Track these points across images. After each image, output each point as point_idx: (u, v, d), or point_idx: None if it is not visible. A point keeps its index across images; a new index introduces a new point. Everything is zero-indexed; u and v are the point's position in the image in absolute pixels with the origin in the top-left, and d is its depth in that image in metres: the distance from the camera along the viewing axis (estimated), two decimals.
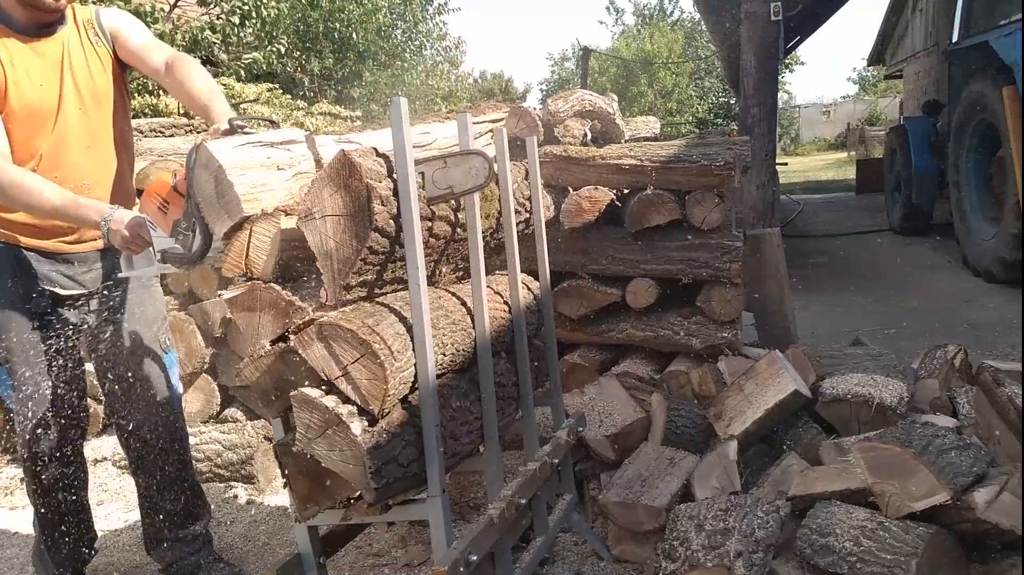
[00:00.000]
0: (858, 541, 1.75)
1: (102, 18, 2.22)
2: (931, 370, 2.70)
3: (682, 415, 2.57)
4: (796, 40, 11.38)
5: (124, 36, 2.22)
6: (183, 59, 2.18)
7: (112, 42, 2.21)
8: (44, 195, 1.95)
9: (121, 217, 1.91)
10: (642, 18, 30.08)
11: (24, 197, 1.96)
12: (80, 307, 2.25)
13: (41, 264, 2.18)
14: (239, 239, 1.61)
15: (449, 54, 17.94)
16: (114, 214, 1.92)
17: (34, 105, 2.06)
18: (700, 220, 3.04)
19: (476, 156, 1.70)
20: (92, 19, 2.20)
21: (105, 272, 2.27)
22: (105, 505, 3.22)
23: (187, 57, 2.20)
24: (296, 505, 1.67)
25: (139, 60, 2.21)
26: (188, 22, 8.13)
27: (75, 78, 2.14)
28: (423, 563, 2.43)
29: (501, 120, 3.13)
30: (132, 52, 2.21)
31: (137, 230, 1.88)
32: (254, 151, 1.68)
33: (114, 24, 2.23)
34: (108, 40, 2.21)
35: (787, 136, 29.77)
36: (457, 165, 1.68)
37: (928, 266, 6.30)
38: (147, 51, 2.21)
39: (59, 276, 2.20)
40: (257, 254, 1.61)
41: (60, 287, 2.20)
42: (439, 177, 1.65)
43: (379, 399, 1.49)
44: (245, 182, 1.60)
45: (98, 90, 2.18)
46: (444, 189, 1.67)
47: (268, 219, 1.61)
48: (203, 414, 3.64)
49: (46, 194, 1.95)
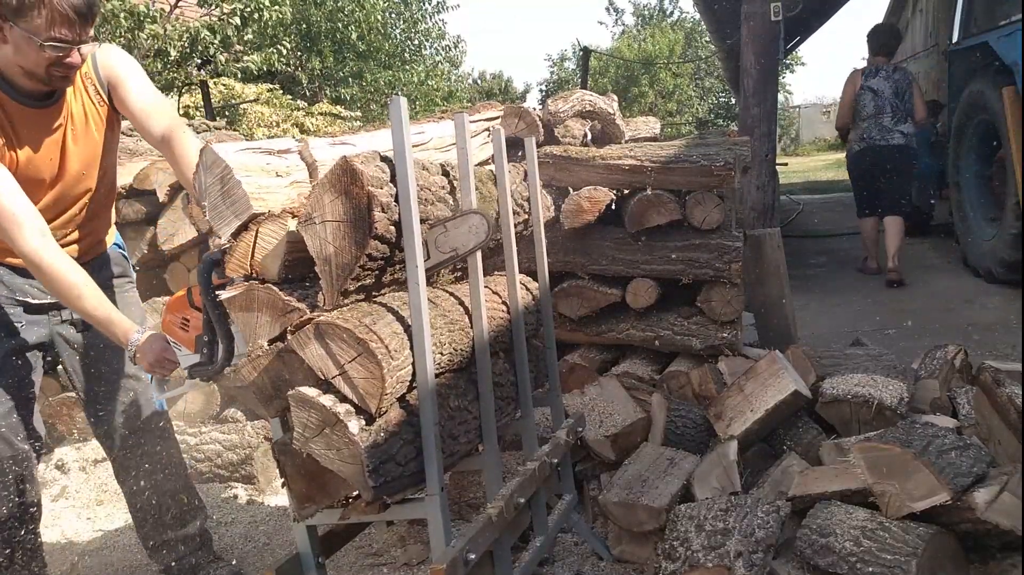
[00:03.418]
0: (858, 541, 1.75)
1: (100, 69, 2.11)
2: (931, 370, 2.70)
3: (682, 415, 2.57)
4: (796, 40, 11.39)
5: (124, 91, 2.12)
6: (180, 136, 2.07)
7: (109, 91, 2.13)
8: (83, 299, 1.94)
9: (148, 346, 1.92)
10: (642, 18, 30.10)
11: (64, 292, 1.94)
12: (52, 318, 2.23)
13: (14, 278, 2.15)
14: (244, 239, 1.60)
15: (449, 53, 17.94)
16: (140, 341, 1.93)
17: (37, 174, 2.03)
18: (700, 220, 3.04)
19: (473, 215, 1.74)
20: (90, 71, 2.10)
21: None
22: (105, 505, 3.22)
23: (186, 132, 2.10)
24: (294, 504, 1.67)
25: (136, 122, 2.14)
26: (186, 22, 8.13)
27: (76, 142, 2.10)
28: (422, 562, 2.43)
29: (497, 118, 3.13)
30: (130, 112, 2.13)
31: (162, 354, 1.90)
32: (254, 156, 1.68)
33: (113, 74, 2.12)
34: (105, 90, 2.13)
35: (787, 136, 29.75)
36: (457, 227, 1.73)
37: (928, 266, 6.29)
38: (146, 117, 2.11)
39: (31, 288, 2.17)
40: (264, 255, 1.60)
41: (31, 297, 2.17)
42: (442, 242, 1.70)
43: (376, 398, 1.49)
44: (250, 183, 1.60)
45: (96, 149, 2.15)
46: (448, 253, 1.71)
47: (276, 220, 1.60)
48: (203, 414, 3.64)
49: (85, 298, 1.94)
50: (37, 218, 1.94)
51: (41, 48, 1.86)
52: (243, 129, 8.99)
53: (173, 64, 8.01)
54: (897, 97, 5.74)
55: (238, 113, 9.88)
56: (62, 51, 1.89)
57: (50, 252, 1.92)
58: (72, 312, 2.22)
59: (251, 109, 9.93)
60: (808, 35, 11.38)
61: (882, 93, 5.75)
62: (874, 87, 5.77)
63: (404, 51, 14.60)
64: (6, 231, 1.90)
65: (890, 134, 5.74)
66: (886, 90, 5.75)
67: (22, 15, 1.82)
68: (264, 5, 8.10)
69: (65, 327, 2.25)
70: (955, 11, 6.27)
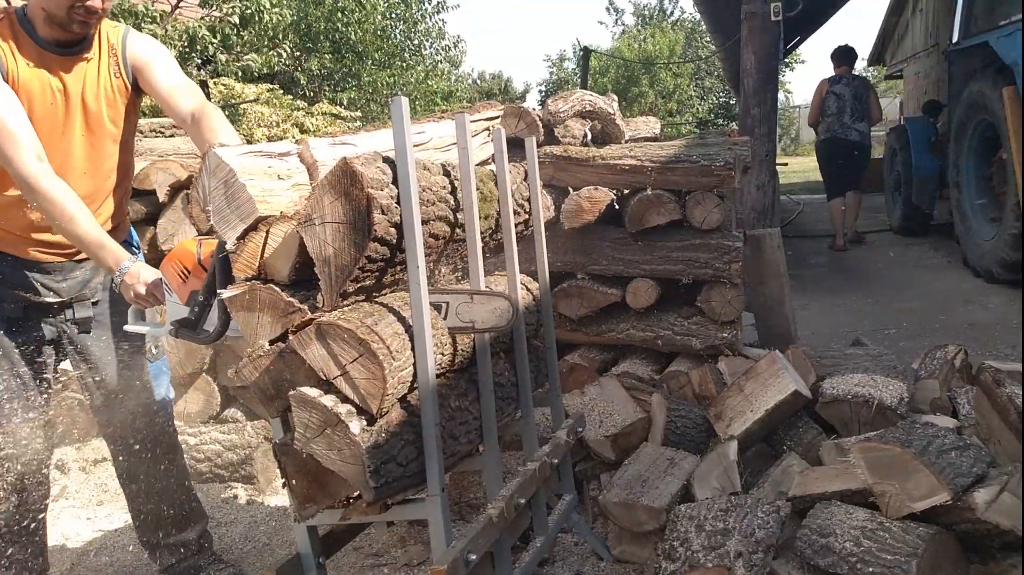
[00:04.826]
0: (858, 541, 1.75)
1: (128, 49, 2.14)
2: (931, 370, 2.70)
3: (682, 415, 2.57)
4: (796, 40, 11.38)
5: (150, 72, 2.14)
6: (211, 113, 2.09)
7: (134, 74, 2.15)
8: (75, 222, 1.93)
9: (137, 272, 1.91)
10: (642, 18, 30.08)
11: (57, 215, 1.93)
12: (56, 316, 2.22)
13: (16, 271, 2.14)
14: (253, 240, 1.60)
15: (449, 53, 17.93)
16: (131, 267, 1.92)
17: (41, 121, 2.03)
18: (700, 220, 3.04)
19: (502, 299, 1.76)
20: (118, 47, 2.12)
21: (81, 282, 2.22)
22: (105, 505, 3.22)
23: (215, 110, 2.11)
24: (295, 505, 1.67)
25: (163, 101, 2.15)
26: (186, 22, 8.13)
27: (85, 105, 2.10)
28: (422, 563, 2.43)
29: (496, 118, 3.12)
30: (157, 92, 2.14)
31: (152, 288, 1.89)
32: (256, 160, 1.68)
33: (141, 57, 2.15)
34: (129, 73, 2.14)
35: (787, 136, 29.75)
36: (483, 303, 1.74)
37: (928, 266, 6.30)
38: (174, 95, 2.13)
39: (33, 283, 2.16)
40: (274, 256, 1.60)
41: (33, 294, 2.16)
42: (463, 311, 1.72)
43: (377, 398, 1.49)
44: (255, 186, 1.60)
45: (105, 121, 2.14)
46: (466, 323, 1.73)
47: (287, 221, 1.60)
48: (203, 414, 3.63)
49: (78, 221, 1.93)
50: (36, 142, 1.94)
51: None
52: (243, 129, 8.98)
53: None
54: (856, 100, 7.11)
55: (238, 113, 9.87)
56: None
57: (46, 175, 1.92)
58: (76, 312, 2.22)
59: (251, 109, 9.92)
60: (808, 35, 11.36)
61: (843, 96, 7.12)
62: (837, 92, 7.15)
63: (404, 51, 14.59)
64: (4, 150, 1.90)
65: (848, 130, 7.12)
66: (846, 94, 7.12)
67: None
68: (264, 7, 8.09)
69: (70, 327, 2.25)
70: (955, 11, 6.28)
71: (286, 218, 1.60)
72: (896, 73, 13.25)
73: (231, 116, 9.82)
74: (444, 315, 1.72)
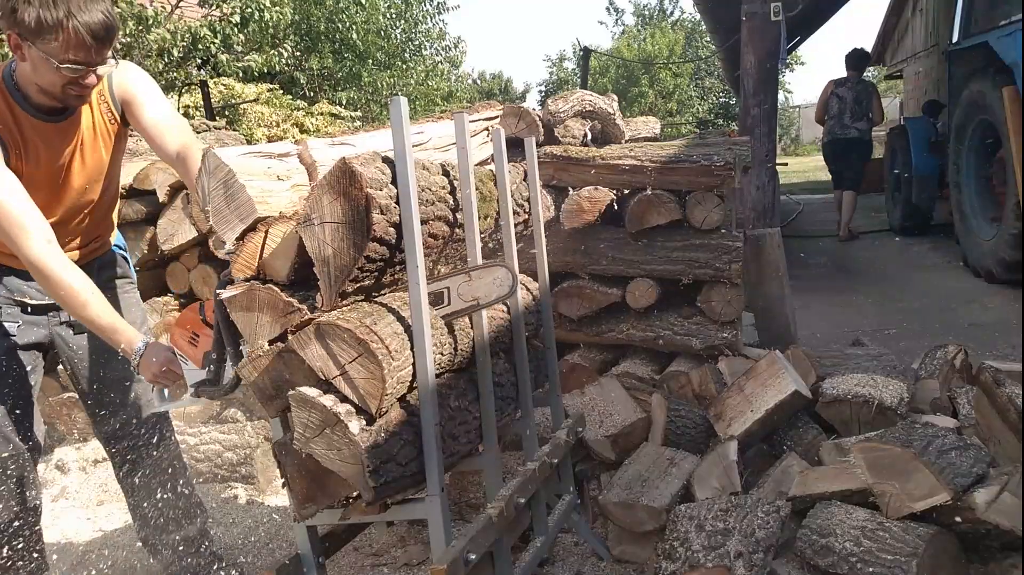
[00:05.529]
0: (858, 541, 1.75)
1: (115, 84, 2.10)
2: (931, 370, 2.70)
3: (682, 415, 2.57)
4: (796, 40, 11.37)
5: (138, 106, 2.11)
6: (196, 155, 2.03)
7: (121, 107, 2.13)
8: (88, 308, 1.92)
9: (152, 353, 1.91)
10: (642, 18, 30.09)
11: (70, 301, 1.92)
12: (51, 318, 2.22)
13: (13, 279, 2.15)
14: (252, 241, 1.60)
15: (449, 54, 17.93)
16: (145, 351, 1.92)
17: (41, 185, 2.02)
18: (700, 220, 3.04)
19: (499, 268, 1.76)
20: (105, 89, 2.10)
21: None
22: (105, 505, 3.22)
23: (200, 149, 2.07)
24: (295, 504, 1.67)
25: (149, 138, 2.13)
26: (186, 22, 8.13)
27: (83, 158, 2.10)
28: (422, 562, 2.43)
29: (496, 118, 3.13)
30: (143, 126, 2.12)
31: (168, 365, 1.89)
32: (256, 160, 1.68)
33: (128, 91, 2.12)
34: (118, 107, 2.13)
35: (787, 136, 29.76)
36: (481, 277, 1.74)
37: (928, 266, 6.30)
38: (160, 132, 2.11)
39: (29, 288, 2.16)
40: (273, 256, 1.60)
41: (29, 297, 2.16)
42: (464, 290, 1.71)
43: (377, 398, 1.49)
44: (254, 187, 1.60)
45: (101, 152, 2.14)
46: (470, 302, 1.73)
47: (286, 221, 1.60)
48: (203, 414, 3.64)
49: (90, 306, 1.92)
50: (44, 225, 1.93)
51: (57, 69, 1.86)
52: (243, 129, 8.98)
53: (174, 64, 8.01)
54: (856, 103, 7.58)
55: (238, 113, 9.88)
56: (78, 73, 1.89)
57: (56, 260, 1.91)
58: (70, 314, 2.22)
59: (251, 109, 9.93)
60: (808, 35, 11.36)
61: (845, 99, 7.62)
62: (840, 94, 7.65)
63: (405, 51, 14.59)
64: (12, 238, 1.89)
65: (848, 129, 7.63)
66: (848, 97, 7.61)
67: (40, 36, 1.83)
68: (265, 6, 8.10)
69: (64, 328, 2.25)
70: (955, 11, 6.28)
71: (285, 218, 1.60)
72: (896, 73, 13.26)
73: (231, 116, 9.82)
74: (448, 300, 1.70)
